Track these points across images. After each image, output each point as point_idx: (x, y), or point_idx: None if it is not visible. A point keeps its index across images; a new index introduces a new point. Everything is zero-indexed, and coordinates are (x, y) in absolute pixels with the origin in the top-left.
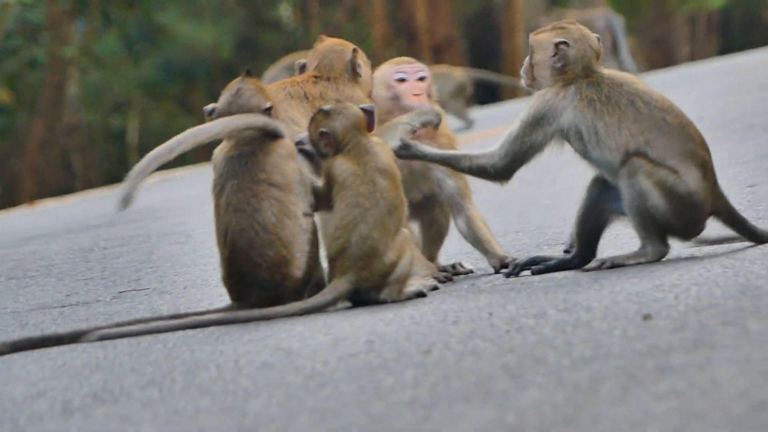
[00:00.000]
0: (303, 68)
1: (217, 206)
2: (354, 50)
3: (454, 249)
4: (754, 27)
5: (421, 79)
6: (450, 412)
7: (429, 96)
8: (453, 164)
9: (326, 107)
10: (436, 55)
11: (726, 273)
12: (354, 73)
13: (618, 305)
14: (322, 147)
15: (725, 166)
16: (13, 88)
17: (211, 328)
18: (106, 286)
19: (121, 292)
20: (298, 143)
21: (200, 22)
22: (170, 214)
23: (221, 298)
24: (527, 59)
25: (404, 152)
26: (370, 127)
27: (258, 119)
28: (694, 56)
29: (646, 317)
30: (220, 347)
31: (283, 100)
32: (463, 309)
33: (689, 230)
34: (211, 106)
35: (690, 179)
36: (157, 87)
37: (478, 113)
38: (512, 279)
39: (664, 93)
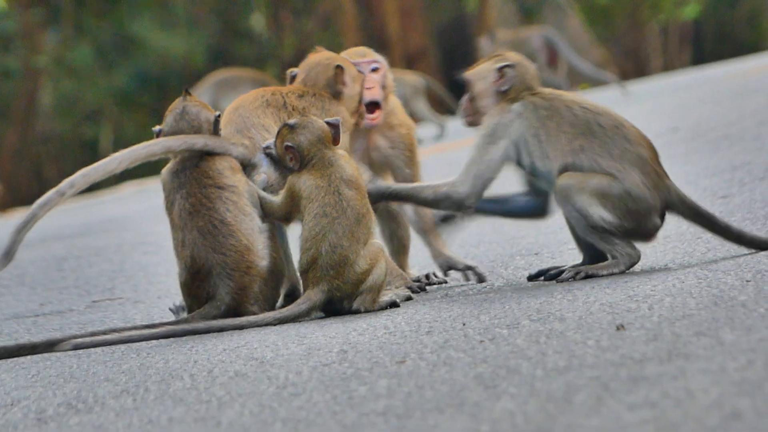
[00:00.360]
0: (293, 79)
1: (172, 221)
2: (337, 67)
3: (427, 259)
4: (726, 38)
5: (375, 70)
6: (424, 422)
7: (384, 87)
8: (416, 196)
9: (291, 121)
10: (409, 64)
11: (700, 284)
12: (335, 91)
13: (592, 315)
14: (288, 161)
15: (699, 176)
16: None
17: (185, 338)
18: (79, 295)
19: (94, 302)
20: (266, 148)
21: (173, 31)
22: (143, 223)
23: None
24: (465, 97)
25: (372, 190)
26: (335, 140)
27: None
28: (666, 67)
29: (620, 327)
30: (193, 357)
31: (258, 107)
32: (437, 319)
33: (644, 228)
34: (158, 127)
35: (626, 177)
36: (130, 96)
37: (451, 123)
38: (486, 289)
39: (639, 104)
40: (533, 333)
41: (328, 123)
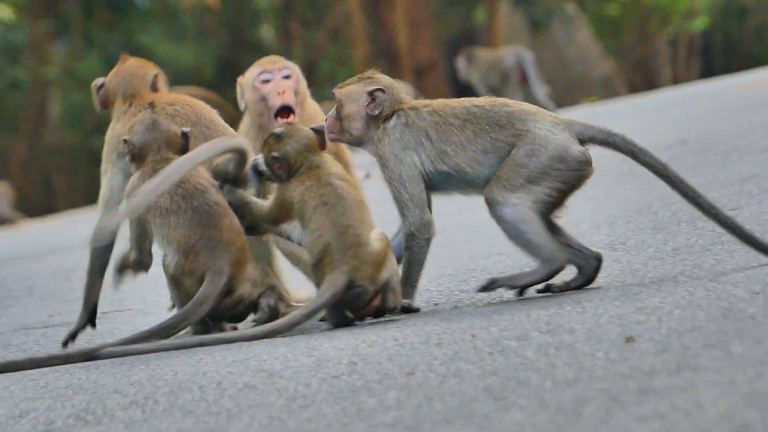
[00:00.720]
0: (100, 88)
1: (159, 210)
2: (156, 75)
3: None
4: (735, 51)
5: (287, 77)
6: None
7: (296, 93)
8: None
9: (278, 131)
10: (418, 77)
11: (709, 296)
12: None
13: (601, 327)
14: (276, 170)
15: (708, 188)
16: None
17: (194, 350)
18: None
19: (103, 313)
20: (254, 166)
21: (182, 43)
22: None
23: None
24: (332, 113)
25: None
26: (322, 146)
27: (227, 142)
28: (675, 79)
29: (629, 339)
30: (202, 368)
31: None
32: (446, 331)
33: (572, 160)
34: (125, 137)
35: (525, 136)
36: None
37: None
38: (496, 300)
39: (648, 116)
40: (542, 345)
41: (313, 129)
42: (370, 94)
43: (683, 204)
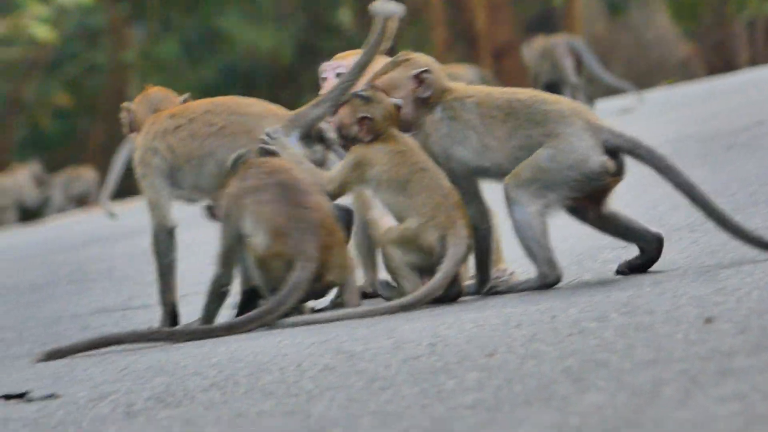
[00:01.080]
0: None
1: (245, 187)
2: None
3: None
4: None
5: (340, 75)
6: (512, 415)
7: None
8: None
9: (364, 93)
10: (497, 59)
11: None
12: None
13: (680, 309)
14: (357, 131)
15: None
16: (73, 93)
17: (275, 332)
18: None
19: (183, 296)
20: (318, 132)
21: (260, 26)
22: None
23: None
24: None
25: None
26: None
27: None
28: (754, 61)
29: (708, 321)
30: (283, 350)
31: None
32: (526, 312)
33: (591, 172)
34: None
35: (552, 140)
36: (217, 91)
37: None
38: (575, 282)
39: (725, 98)
40: (621, 326)
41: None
42: (417, 77)
43: (761, 185)
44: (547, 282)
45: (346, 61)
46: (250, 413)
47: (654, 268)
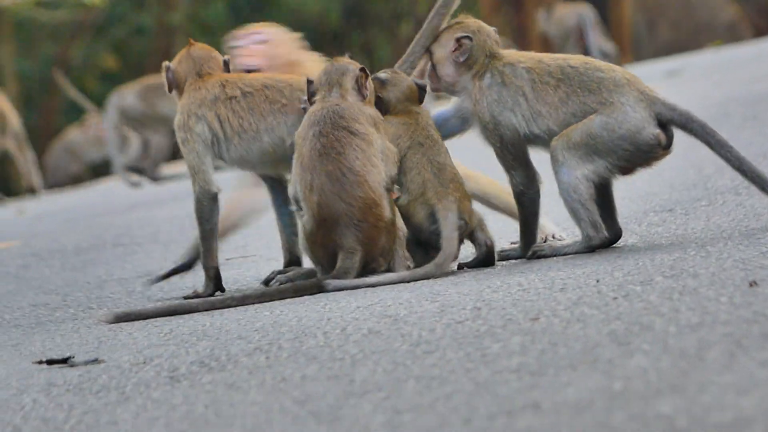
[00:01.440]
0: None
1: (300, 160)
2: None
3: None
4: None
5: (260, 42)
6: (557, 379)
7: (274, 57)
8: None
9: (382, 75)
10: None
11: None
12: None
13: (725, 272)
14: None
15: None
16: (120, 55)
17: (319, 296)
18: None
19: (228, 260)
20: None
21: None
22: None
23: None
24: (428, 63)
25: None
26: (420, 102)
27: None
28: None
29: (753, 284)
30: (327, 314)
31: None
32: (570, 276)
33: (643, 143)
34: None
35: (607, 107)
36: None
37: None
38: (620, 245)
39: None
40: (666, 289)
41: (415, 83)
42: (457, 40)
43: None
44: (592, 245)
45: (265, 29)
46: (294, 378)
47: (699, 231)
